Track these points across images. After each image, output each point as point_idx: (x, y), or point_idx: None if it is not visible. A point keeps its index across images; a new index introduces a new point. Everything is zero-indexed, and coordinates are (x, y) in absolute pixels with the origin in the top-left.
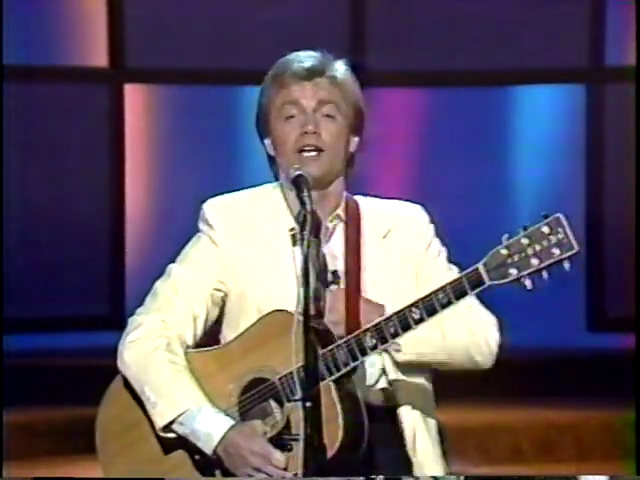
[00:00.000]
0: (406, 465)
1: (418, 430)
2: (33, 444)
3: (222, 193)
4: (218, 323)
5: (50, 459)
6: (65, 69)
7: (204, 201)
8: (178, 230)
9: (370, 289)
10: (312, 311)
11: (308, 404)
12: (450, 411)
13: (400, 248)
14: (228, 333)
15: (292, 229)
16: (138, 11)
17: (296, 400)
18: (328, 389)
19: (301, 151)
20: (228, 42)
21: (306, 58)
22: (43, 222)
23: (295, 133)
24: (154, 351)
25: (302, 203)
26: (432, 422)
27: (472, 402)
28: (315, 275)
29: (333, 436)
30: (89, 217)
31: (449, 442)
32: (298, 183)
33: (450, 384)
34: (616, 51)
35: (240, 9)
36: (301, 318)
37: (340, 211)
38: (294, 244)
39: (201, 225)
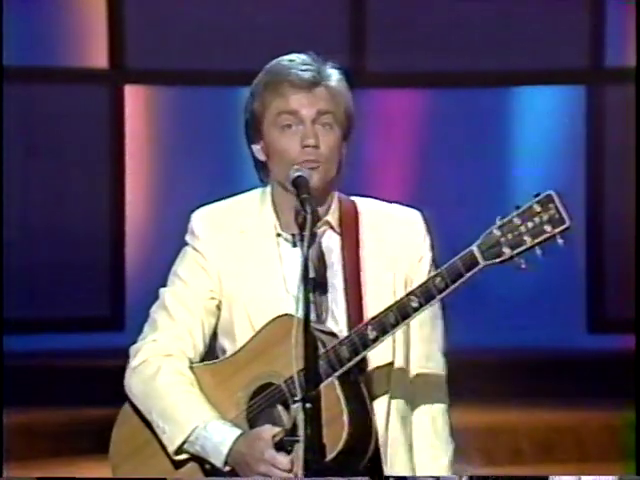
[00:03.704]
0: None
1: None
2: (33, 445)
3: (222, 194)
4: (215, 332)
5: (50, 460)
6: (65, 70)
7: (193, 210)
8: (178, 231)
9: (370, 302)
10: (313, 313)
11: (308, 405)
12: (450, 412)
13: (394, 257)
14: (223, 341)
15: (279, 235)
16: (138, 12)
17: (296, 401)
18: (332, 387)
19: (301, 164)
20: (228, 43)
21: (303, 66)
22: (43, 222)
23: (295, 145)
24: (155, 375)
25: (302, 204)
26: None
27: (472, 403)
28: (312, 279)
29: (338, 434)
30: (89, 218)
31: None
32: (298, 184)
33: (450, 385)
34: (616, 52)
35: (240, 10)
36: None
37: (329, 217)
38: (293, 245)
39: (187, 237)
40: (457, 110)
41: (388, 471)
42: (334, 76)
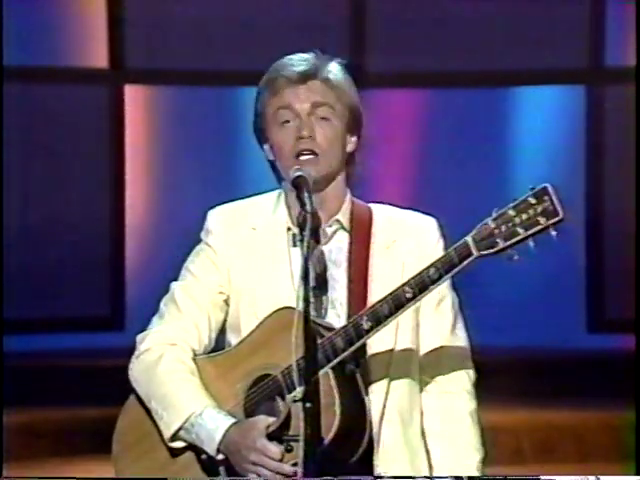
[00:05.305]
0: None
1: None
2: (33, 444)
3: (222, 194)
4: (223, 327)
5: (50, 459)
6: (65, 70)
7: (211, 208)
8: (178, 230)
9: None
10: (312, 311)
11: (308, 405)
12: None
13: (403, 260)
14: (230, 336)
15: (289, 229)
16: (138, 11)
17: (296, 401)
18: (327, 377)
19: (298, 156)
20: (228, 43)
21: (299, 62)
22: (43, 222)
23: (291, 139)
24: (157, 362)
25: (302, 204)
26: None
27: None
28: (314, 277)
29: (329, 423)
30: (89, 218)
31: None
32: (298, 184)
33: None
34: (616, 52)
35: (240, 10)
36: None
37: (340, 216)
38: (294, 245)
39: (202, 233)
40: (457, 110)
41: (380, 468)
42: (333, 70)
